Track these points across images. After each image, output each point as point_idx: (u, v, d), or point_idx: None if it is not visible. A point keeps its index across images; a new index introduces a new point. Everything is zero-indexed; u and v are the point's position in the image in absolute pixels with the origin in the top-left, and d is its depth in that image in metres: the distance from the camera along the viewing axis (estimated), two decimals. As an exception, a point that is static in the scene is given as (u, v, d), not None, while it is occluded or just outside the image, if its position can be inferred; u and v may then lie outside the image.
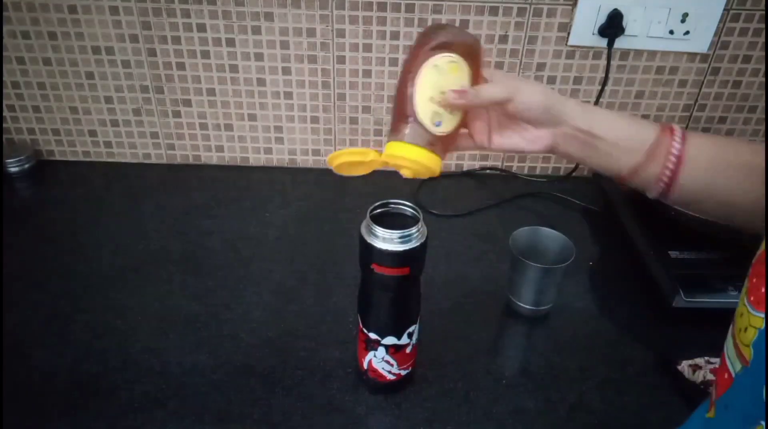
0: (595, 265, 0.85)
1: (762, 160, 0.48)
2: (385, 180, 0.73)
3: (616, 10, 0.89)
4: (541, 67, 0.97)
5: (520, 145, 0.54)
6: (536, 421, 0.61)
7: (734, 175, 0.49)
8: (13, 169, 1.00)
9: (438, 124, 0.51)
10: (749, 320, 0.37)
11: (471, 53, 0.53)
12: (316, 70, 0.97)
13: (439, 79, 0.51)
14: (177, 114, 1.02)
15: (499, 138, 0.55)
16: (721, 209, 0.52)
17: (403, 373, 0.62)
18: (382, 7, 0.91)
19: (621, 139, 0.51)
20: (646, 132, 0.51)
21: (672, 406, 0.63)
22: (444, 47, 0.51)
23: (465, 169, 1.09)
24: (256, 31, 0.93)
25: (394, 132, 0.52)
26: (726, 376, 0.39)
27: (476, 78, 0.54)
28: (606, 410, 0.62)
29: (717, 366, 0.63)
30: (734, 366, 0.38)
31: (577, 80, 0.98)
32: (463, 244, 0.89)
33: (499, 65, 0.97)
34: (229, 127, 1.04)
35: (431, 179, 1.05)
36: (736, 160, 0.49)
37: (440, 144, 0.52)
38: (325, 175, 1.05)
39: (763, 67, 0.96)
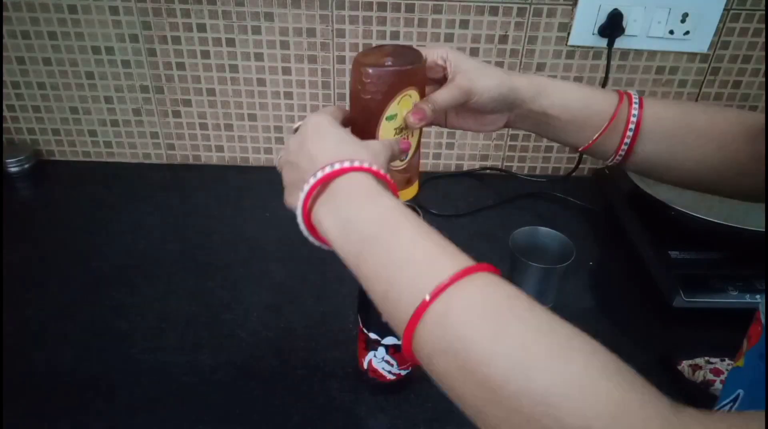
0: (595, 265, 0.85)
1: (716, 128, 0.49)
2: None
3: (616, 10, 0.89)
4: (541, 67, 0.97)
5: (474, 127, 0.55)
6: (536, 421, 0.61)
7: (689, 142, 0.50)
8: (13, 169, 1.00)
9: (405, 156, 0.51)
10: None
11: (415, 75, 0.49)
12: (316, 70, 0.97)
13: (395, 122, 0.49)
14: (177, 114, 1.02)
15: (454, 119, 0.55)
16: (675, 175, 0.52)
17: (403, 373, 0.62)
18: (382, 7, 0.91)
19: (576, 118, 0.51)
20: (602, 106, 0.51)
21: (672, 406, 0.63)
22: (391, 98, 0.47)
23: (465, 169, 1.09)
24: (256, 31, 0.93)
25: None
26: (760, 329, 0.39)
27: (424, 86, 0.51)
28: (606, 410, 0.62)
29: (717, 365, 0.64)
30: (765, 317, 0.38)
31: (577, 80, 0.98)
32: (463, 244, 0.88)
33: (498, 65, 0.96)
34: (229, 127, 1.04)
35: (431, 179, 1.06)
36: (691, 127, 0.50)
37: (412, 165, 0.52)
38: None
39: (763, 67, 0.96)
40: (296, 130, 0.46)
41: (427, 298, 0.32)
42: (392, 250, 0.35)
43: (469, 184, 1.06)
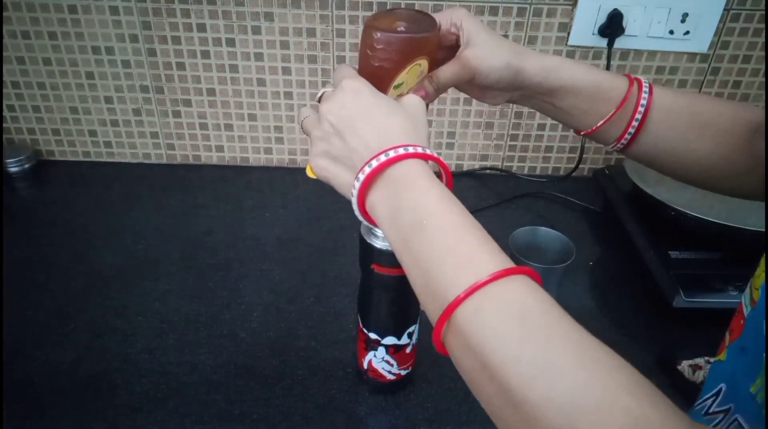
0: (595, 265, 0.85)
1: (722, 120, 0.48)
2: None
3: (616, 10, 0.89)
4: (541, 67, 0.97)
5: (475, 95, 0.54)
6: (536, 421, 0.61)
7: (692, 134, 0.49)
8: (13, 169, 1.00)
9: None
10: (764, 266, 0.38)
11: (428, 44, 0.46)
12: (316, 70, 0.97)
13: (399, 90, 0.47)
14: (177, 114, 1.02)
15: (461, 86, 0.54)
16: (675, 167, 0.52)
17: (403, 373, 0.62)
18: (382, 7, 0.91)
19: (583, 101, 0.50)
20: (611, 93, 0.50)
21: (672, 406, 0.63)
22: (401, 67, 0.45)
23: (465, 169, 1.09)
24: (256, 31, 0.93)
25: None
26: (742, 322, 0.40)
27: (435, 55, 0.49)
28: (606, 410, 0.62)
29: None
30: (747, 309, 0.39)
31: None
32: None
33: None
34: (229, 127, 1.04)
35: (431, 179, 1.06)
36: (696, 119, 0.49)
37: None
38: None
39: (763, 67, 0.96)
40: (320, 98, 0.44)
41: (462, 294, 0.32)
42: (435, 242, 0.35)
43: (469, 184, 1.06)
